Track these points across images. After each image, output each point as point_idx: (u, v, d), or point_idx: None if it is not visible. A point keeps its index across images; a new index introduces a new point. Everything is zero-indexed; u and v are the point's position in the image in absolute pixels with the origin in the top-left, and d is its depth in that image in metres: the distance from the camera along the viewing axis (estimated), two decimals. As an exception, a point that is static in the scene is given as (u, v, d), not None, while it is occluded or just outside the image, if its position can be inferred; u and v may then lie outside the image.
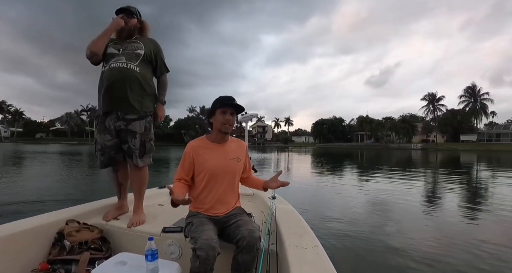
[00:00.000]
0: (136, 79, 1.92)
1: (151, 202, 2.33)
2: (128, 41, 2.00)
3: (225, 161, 1.64)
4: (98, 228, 1.78)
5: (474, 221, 4.51)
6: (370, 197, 6.34)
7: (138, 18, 2.08)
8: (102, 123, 1.95)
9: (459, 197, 6.65)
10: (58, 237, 1.65)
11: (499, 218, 4.67)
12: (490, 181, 10.01)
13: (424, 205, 5.71)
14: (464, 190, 7.71)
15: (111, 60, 1.91)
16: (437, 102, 55.09)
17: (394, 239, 3.49)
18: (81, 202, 2.12)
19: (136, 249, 1.50)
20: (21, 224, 1.61)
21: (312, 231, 1.57)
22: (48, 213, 1.82)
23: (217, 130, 1.64)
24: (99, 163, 2.02)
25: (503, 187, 8.40)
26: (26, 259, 1.53)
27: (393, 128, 59.60)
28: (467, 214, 4.98)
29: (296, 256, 1.24)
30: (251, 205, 2.36)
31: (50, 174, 9.44)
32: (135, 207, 1.97)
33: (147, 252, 1.20)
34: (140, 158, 1.96)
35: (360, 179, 9.76)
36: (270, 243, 1.51)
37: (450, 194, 7.07)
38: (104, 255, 1.60)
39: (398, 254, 3.03)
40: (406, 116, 62.60)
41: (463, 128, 56.49)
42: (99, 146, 1.97)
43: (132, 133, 1.93)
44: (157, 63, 2.08)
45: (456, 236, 3.62)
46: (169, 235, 1.69)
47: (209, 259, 1.31)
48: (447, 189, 7.88)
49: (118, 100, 1.89)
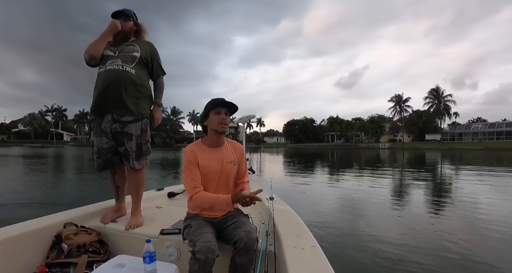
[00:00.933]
0: (131, 81, 1.93)
1: (149, 204, 2.33)
2: (125, 44, 2.01)
3: (221, 165, 1.65)
4: (96, 231, 1.78)
5: (438, 215, 5.00)
6: (342, 195, 6.65)
7: (134, 21, 2.09)
8: (98, 125, 1.95)
9: (427, 192, 7.45)
10: (56, 240, 1.64)
11: (461, 209, 5.26)
12: (454, 177, 10.91)
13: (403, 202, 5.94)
14: (430, 186, 8.52)
15: (107, 62, 1.92)
16: (404, 103, 57.94)
17: (392, 237, 3.52)
18: (78, 205, 2.10)
19: (134, 251, 1.51)
20: (19, 228, 1.61)
21: (310, 232, 1.58)
22: (46, 216, 1.81)
23: (213, 132, 1.65)
24: (96, 166, 2.01)
25: (464, 182, 9.23)
26: (24, 263, 1.53)
27: (362, 129, 62.30)
28: (437, 207, 5.54)
29: (294, 256, 1.25)
30: (249, 206, 2.41)
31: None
32: (133, 209, 1.98)
33: (145, 254, 1.21)
34: (136, 161, 1.97)
35: (334, 178, 10.27)
36: (268, 244, 1.50)
37: (415, 189, 7.82)
38: (102, 258, 1.60)
39: (395, 252, 3.06)
40: (375, 116, 65.56)
41: (428, 128, 59.85)
42: (96, 149, 1.96)
43: (128, 135, 1.93)
44: (153, 66, 2.09)
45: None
46: (167, 237, 1.69)
47: (208, 262, 1.32)
48: (417, 185, 8.61)
49: (113, 102, 1.90)
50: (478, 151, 36.17)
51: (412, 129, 60.45)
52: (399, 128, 60.43)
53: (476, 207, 5.44)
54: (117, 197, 2.10)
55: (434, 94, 54.05)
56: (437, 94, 53.73)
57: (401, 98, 57.90)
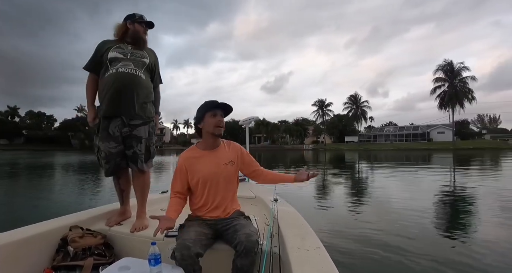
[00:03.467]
0: (143, 86, 1.96)
1: (154, 207, 2.33)
2: (133, 48, 2.01)
3: (217, 168, 1.64)
4: (101, 234, 1.78)
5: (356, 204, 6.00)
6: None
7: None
8: (104, 130, 1.93)
9: (347, 185, 9.16)
10: (62, 243, 1.65)
11: (378, 201, 6.27)
12: (370, 173, 12.88)
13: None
14: (349, 179, 10.51)
15: (118, 64, 1.91)
16: (326, 107, 63.09)
17: (396, 240, 3.51)
18: (84, 208, 2.12)
19: (140, 254, 1.51)
20: (25, 231, 1.62)
21: (315, 233, 1.57)
22: (52, 220, 1.83)
23: (209, 134, 1.64)
24: (104, 172, 2.01)
25: (380, 177, 11.22)
26: (30, 266, 1.54)
27: (288, 131, 66.48)
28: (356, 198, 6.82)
29: (298, 258, 1.24)
30: (253, 207, 2.38)
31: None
32: (138, 212, 1.98)
33: (150, 256, 1.22)
34: (145, 163, 2.00)
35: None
36: (273, 245, 1.51)
37: (335, 184, 9.41)
38: (107, 261, 1.60)
39: (400, 254, 3.05)
40: (299, 119, 70.76)
41: (347, 130, 65.15)
42: (103, 154, 1.95)
43: (138, 138, 1.95)
44: (155, 74, 2.12)
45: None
46: (172, 240, 1.67)
47: (185, 259, 1.33)
48: (338, 180, 10.36)
49: (125, 106, 1.91)
50: (390, 151, 40.79)
51: (333, 132, 65.42)
52: (321, 131, 65.66)
53: (386, 195, 6.96)
54: (121, 201, 2.11)
55: (352, 100, 58.67)
56: (355, 100, 58.48)
57: (323, 103, 62.87)
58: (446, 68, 44.99)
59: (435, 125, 55.77)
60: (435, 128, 55.28)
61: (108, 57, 1.93)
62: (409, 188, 8.24)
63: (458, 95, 43.14)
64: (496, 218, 4.54)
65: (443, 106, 45.62)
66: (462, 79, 43.97)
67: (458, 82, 44.02)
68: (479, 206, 5.59)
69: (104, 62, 1.94)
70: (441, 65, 45.56)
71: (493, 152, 29.56)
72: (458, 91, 43.44)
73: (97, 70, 1.99)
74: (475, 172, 12.35)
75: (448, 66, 44.94)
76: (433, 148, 41.12)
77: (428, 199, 6.24)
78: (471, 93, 43.42)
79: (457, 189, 7.61)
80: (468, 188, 7.67)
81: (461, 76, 44.07)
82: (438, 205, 5.80)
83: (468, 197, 6.47)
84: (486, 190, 7.13)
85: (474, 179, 9.61)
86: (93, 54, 2.00)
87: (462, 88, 43.65)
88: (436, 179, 9.87)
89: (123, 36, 2.03)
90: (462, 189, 7.61)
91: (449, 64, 44.88)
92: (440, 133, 53.65)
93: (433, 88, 46.20)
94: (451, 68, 44.65)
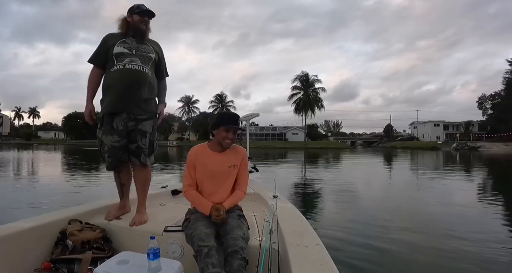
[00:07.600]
0: (149, 82, 1.97)
1: (153, 201, 2.34)
2: (139, 42, 1.99)
3: (222, 168, 1.73)
4: (100, 228, 1.78)
5: None
6: None
7: None
8: (108, 123, 1.93)
9: None
10: (61, 237, 1.66)
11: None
12: None
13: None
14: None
15: (125, 60, 1.90)
16: (192, 104, 65.34)
17: (394, 237, 3.51)
18: (83, 202, 2.12)
19: (138, 248, 1.51)
20: (24, 224, 1.62)
21: (314, 230, 1.58)
22: (51, 213, 1.83)
23: (217, 143, 1.74)
24: (106, 165, 2.02)
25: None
26: (28, 259, 1.54)
27: None
28: None
29: (297, 254, 1.25)
30: (253, 204, 2.38)
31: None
32: (138, 206, 1.98)
33: (149, 251, 1.22)
34: (148, 157, 2.00)
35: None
36: (272, 242, 1.51)
37: None
38: (106, 254, 1.60)
39: (398, 252, 3.06)
40: (165, 115, 67.17)
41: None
42: (106, 148, 1.95)
43: (143, 132, 1.96)
44: (161, 67, 2.12)
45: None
46: (171, 234, 1.70)
47: (201, 250, 1.34)
48: None
49: (132, 101, 1.91)
50: (252, 149, 41.36)
51: (199, 129, 64.54)
52: (187, 128, 66.76)
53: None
54: (121, 195, 2.10)
55: (218, 99, 62.09)
56: (221, 99, 62.16)
57: (190, 99, 64.93)
58: (303, 79, 53.96)
59: (291, 127, 64.93)
60: (290, 130, 64.57)
61: (114, 52, 1.92)
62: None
63: (311, 102, 52.70)
64: (334, 197, 6.35)
65: (298, 111, 53.91)
66: (315, 89, 53.75)
67: (312, 91, 53.69)
68: (323, 190, 7.30)
69: (110, 57, 1.93)
70: (299, 75, 54.22)
71: (335, 151, 36.35)
72: (311, 99, 52.99)
73: (102, 63, 1.97)
74: (321, 165, 16.11)
75: (305, 77, 54.00)
76: (289, 147, 47.47)
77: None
78: (321, 102, 53.65)
79: (307, 180, 9.60)
80: (316, 178, 9.92)
81: (314, 87, 53.69)
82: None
83: (317, 185, 8.29)
84: (330, 178, 9.52)
85: (321, 171, 12.58)
86: (98, 47, 1.98)
87: (314, 97, 53.49)
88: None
89: (127, 29, 2.00)
90: (311, 179, 9.75)
91: (306, 75, 54.09)
92: (295, 134, 63.09)
93: (290, 94, 54.51)
94: (307, 79, 53.87)
